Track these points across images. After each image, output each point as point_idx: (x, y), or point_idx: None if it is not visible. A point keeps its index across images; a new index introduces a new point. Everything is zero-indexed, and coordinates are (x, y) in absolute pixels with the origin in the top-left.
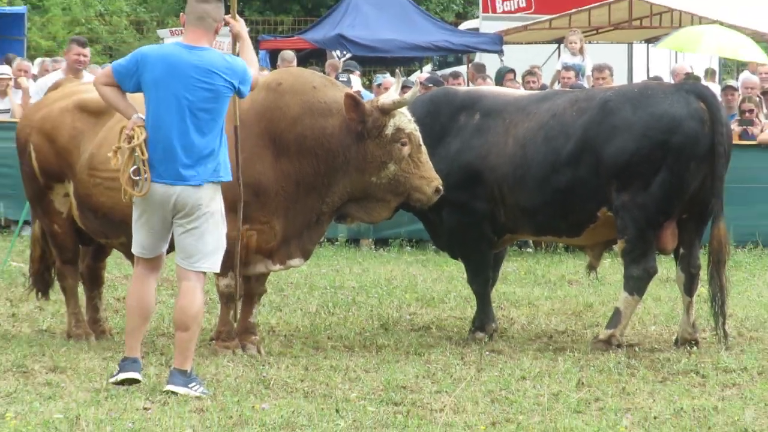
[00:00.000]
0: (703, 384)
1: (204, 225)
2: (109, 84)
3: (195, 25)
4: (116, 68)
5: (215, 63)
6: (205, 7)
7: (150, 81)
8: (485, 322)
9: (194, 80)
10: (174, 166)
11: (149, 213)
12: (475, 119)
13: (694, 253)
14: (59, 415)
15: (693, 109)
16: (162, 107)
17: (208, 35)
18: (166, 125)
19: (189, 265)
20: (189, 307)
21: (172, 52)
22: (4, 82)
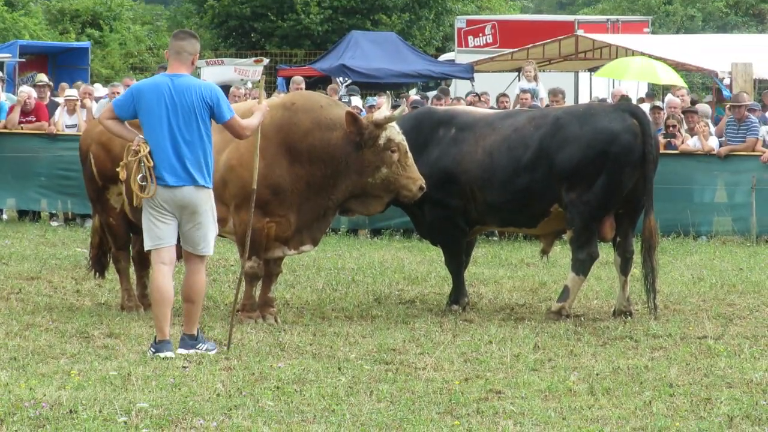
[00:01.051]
0: (636, 347)
1: (204, 219)
2: (111, 118)
3: (174, 58)
4: (116, 104)
5: (191, 85)
6: (181, 44)
7: (145, 107)
8: (459, 297)
9: (176, 101)
10: (176, 171)
11: (160, 210)
12: (452, 132)
13: (628, 241)
14: (114, 372)
15: (627, 124)
16: (158, 125)
17: (185, 65)
18: (162, 140)
19: (195, 251)
20: (196, 284)
21: (159, 82)
22: (72, 103)
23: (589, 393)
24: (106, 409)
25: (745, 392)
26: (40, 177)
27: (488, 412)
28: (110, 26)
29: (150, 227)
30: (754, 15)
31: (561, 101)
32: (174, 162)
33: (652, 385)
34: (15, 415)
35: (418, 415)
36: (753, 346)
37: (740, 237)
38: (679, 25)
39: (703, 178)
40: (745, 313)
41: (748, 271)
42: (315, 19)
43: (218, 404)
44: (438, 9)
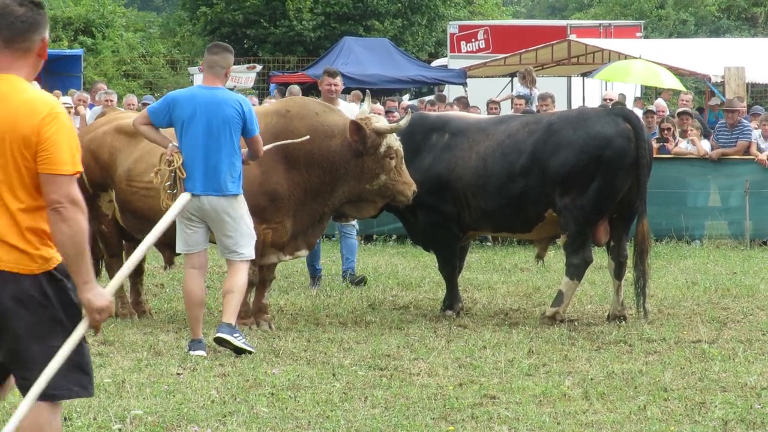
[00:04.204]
0: (630, 351)
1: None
2: (146, 123)
3: (208, 72)
4: (151, 110)
5: (227, 98)
6: (214, 58)
7: (181, 117)
8: (453, 302)
9: (212, 113)
10: (206, 181)
11: (189, 217)
12: (445, 138)
13: (622, 245)
14: (108, 379)
15: (621, 129)
16: (192, 135)
17: (219, 78)
18: (197, 149)
19: (230, 257)
20: (238, 281)
21: (195, 93)
22: (66, 110)
23: (584, 398)
24: (101, 417)
25: (740, 396)
26: None
27: (483, 417)
28: (103, 33)
29: (181, 233)
30: (747, 19)
31: (551, 106)
32: (205, 172)
33: (646, 390)
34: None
35: (413, 421)
36: (747, 350)
37: (734, 241)
38: (671, 29)
39: (697, 182)
40: (739, 317)
41: (742, 275)
42: (308, 26)
43: (213, 411)
44: (430, 14)
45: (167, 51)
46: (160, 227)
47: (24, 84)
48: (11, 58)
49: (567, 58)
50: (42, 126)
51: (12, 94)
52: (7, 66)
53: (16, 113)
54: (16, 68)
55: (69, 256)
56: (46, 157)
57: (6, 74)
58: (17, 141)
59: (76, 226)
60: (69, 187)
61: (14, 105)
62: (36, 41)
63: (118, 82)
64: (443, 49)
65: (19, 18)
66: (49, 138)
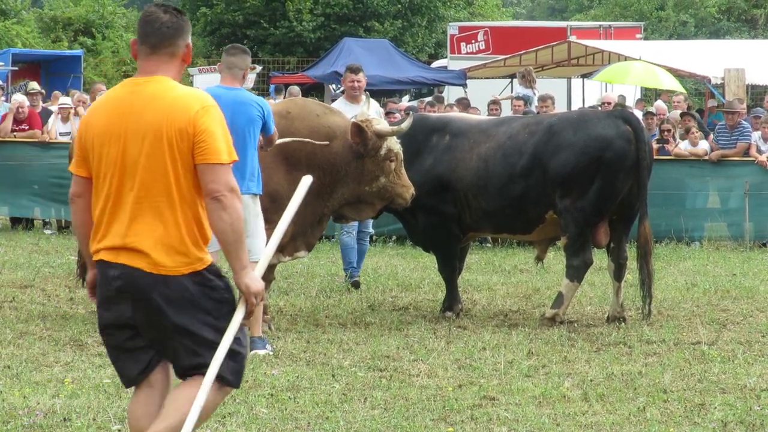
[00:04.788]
0: (629, 353)
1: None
2: None
3: (227, 73)
4: None
5: (249, 99)
6: (232, 60)
7: None
8: (453, 303)
9: (235, 113)
10: None
11: None
12: (446, 139)
13: (622, 247)
14: (108, 380)
15: (621, 131)
16: None
17: (238, 79)
18: None
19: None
20: None
21: (218, 93)
22: (66, 111)
23: (583, 399)
24: (100, 417)
25: (739, 398)
26: (33, 185)
27: (482, 418)
28: (103, 34)
29: None
30: (747, 20)
31: (551, 107)
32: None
33: (646, 391)
34: (9, 423)
35: (412, 422)
36: (746, 351)
37: (733, 242)
38: (671, 30)
39: (696, 184)
40: (738, 318)
41: (742, 277)
42: (307, 26)
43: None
44: (430, 16)
45: None
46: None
47: (173, 82)
48: (158, 63)
49: (567, 59)
50: (197, 119)
51: (163, 92)
52: (154, 70)
53: (171, 108)
54: (162, 72)
55: (228, 242)
56: (204, 149)
57: (155, 76)
58: (174, 134)
59: (234, 214)
60: (227, 176)
61: (168, 101)
62: (181, 46)
63: (118, 82)
64: (443, 50)
65: (165, 24)
66: (204, 130)
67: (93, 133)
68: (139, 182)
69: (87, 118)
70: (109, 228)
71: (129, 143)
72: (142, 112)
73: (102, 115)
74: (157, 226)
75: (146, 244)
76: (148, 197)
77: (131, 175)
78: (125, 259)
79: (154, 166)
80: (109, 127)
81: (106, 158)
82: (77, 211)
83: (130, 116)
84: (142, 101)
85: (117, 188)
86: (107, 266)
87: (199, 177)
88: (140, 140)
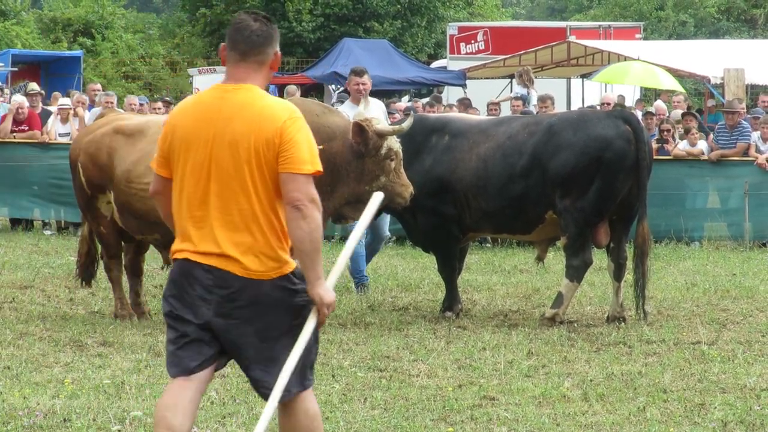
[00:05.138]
0: (629, 353)
1: None
2: None
3: None
4: None
5: None
6: None
7: None
8: (453, 304)
9: None
10: None
11: None
12: (445, 140)
13: (622, 247)
14: (108, 380)
15: (621, 131)
16: None
17: None
18: None
19: None
20: None
21: None
22: (65, 112)
23: (583, 399)
24: (100, 418)
25: (739, 397)
26: (32, 186)
27: (482, 418)
28: (102, 35)
29: None
30: (746, 20)
31: (551, 107)
32: None
33: (645, 391)
34: (9, 423)
35: (412, 422)
36: (746, 351)
37: (733, 242)
38: (671, 30)
39: (696, 184)
40: (738, 318)
41: (741, 277)
42: (307, 27)
43: (212, 412)
44: (430, 16)
45: (167, 52)
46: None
47: (261, 92)
48: (247, 70)
49: (566, 59)
50: (284, 129)
51: (252, 101)
52: (243, 77)
53: (260, 117)
54: (251, 79)
55: (305, 252)
56: (288, 158)
57: (244, 84)
58: (261, 143)
59: (313, 223)
60: (309, 186)
61: (256, 110)
62: (269, 54)
63: (118, 83)
64: (443, 50)
65: (255, 32)
66: (290, 140)
67: (179, 136)
68: (224, 187)
69: (173, 120)
70: (192, 231)
71: (216, 149)
72: (231, 119)
73: (189, 119)
74: (244, 232)
75: (235, 250)
76: (234, 203)
77: (216, 180)
78: (215, 262)
79: (241, 174)
80: (197, 132)
81: (192, 162)
82: (161, 206)
83: (218, 122)
84: (230, 108)
85: (202, 194)
86: (193, 265)
87: (282, 185)
88: (227, 147)
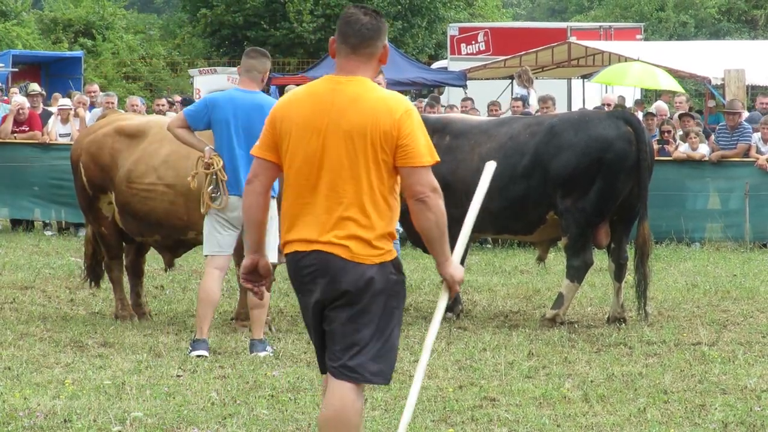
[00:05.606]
0: (630, 354)
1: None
2: (182, 126)
3: (245, 76)
4: (188, 113)
5: (266, 102)
6: (252, 62)
7: (220, 119)
8: (453, 304)
9: (252, 116)
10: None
11: (225, 220)
12: (446, 140)
13: (622, 247)
14: (108, 381)
15: (622, 132)
16: (234, 137)
17: (256, 82)
18: (239, 151)
19: None
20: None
21: (234, 96)
22: (66, 112)
23: (584, 400)
24: (101, 419)
25: (740, 398)
26: (33, 186)
27: (483, 419)
28: (103, 35)
29: (213, 234)
30: (747, 21)
31: (552, 108)
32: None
33: (646, 392)
34: (9, 424)
35: (413, 423)
36: (747, 352)
37: (734, 243)
38: (671, 31)
39: (697, 185)
40: (739, 319)
41: (742, 278)
42: (308, 28)
43: (213, 413)
44: (430, 17)
45: (167, 53)
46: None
47: (373, 84)
48: (357, 63)
49: (567, 60)
50: (401, 122)
51: (365, 93)
52: (354, 69)
53: (375, 111)
54: (361, 71)
55: (433, 239)
56: (408, 152)
57: (354, 76)
58: (378, 135)
59: (439, 212)
60: (429, 177)
61: (371, 103)
62: (379, 47)
63: (118, 84)
64: (443, 51)
65: (365, 26)
66: (409, 134)
67: (291, 125)
68: (336, 177)
69: (284, 110)
70: (302, 219)
71: (329, 139)
72: (345, 110)
73: (302, 109)
74: (352, 221)
75: (341, 236)
76: (344, 191)
77: (329, 170)
78: (319, 248)
79: (353, 163)
80: (310, 122)
81: (304, 151)
82: (251, 193)
83: (332, 113)
84: (344, 100)
85: (314, 182)
86: (300, 256)
87: (403, 179)
88: (342, 137)
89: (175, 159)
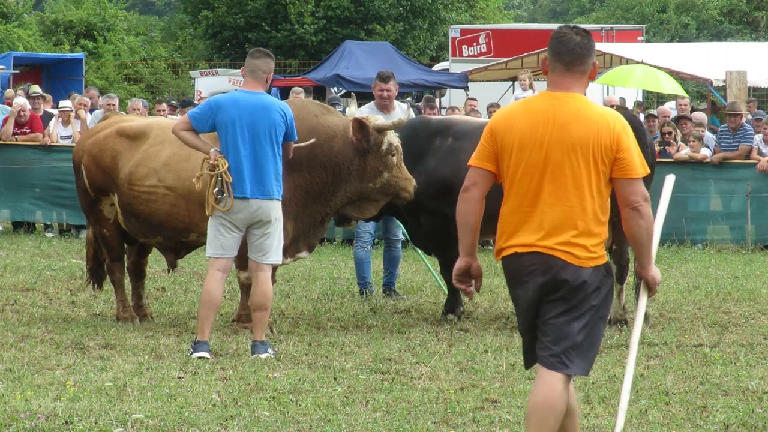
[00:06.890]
0: None
1: (273, 229)
2: (187, 129)
3: (250, 76)
4: (193, 116)
5: (272, 103)
6: (256, 63)
7: (225, 121)
8: (455, 306)
9: (257, 117)
10: (254, 184)
11: (229, 222)
12: (449, 142)
13: (624, 249)
14: (110, 383)
15: None
16: (239, 139)
17: (260, 83)
18: (244, 153)
19: (263, 260)
20: (267, 292)
21: (238, 97)
22: (66, 114)
23: (585, 401)
24: (102, 420)
25: (741, 400)
26: (34, 188)
27: (484, 421)
28: (104, 37)
29: (216, 236)
30: (748, 23)
31: None
32: (252, 176)
33: (648, 394)
34: (11, 426)
35: (414, 425)
36: (749, 354)
37: (735, 245)
38: (673, 33)
39: (698, 187)
40: (740, 321)
41: (744, 279)
42: (309, 29)
43: (214, 415)
44: (432, 18)
45: (169, 55)
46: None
47: (588, 100)
48: (571, 80)
49: None
50: (620, 136)
51: (586, 109)
52: (568, 86)
53: (597, 125)
54: (575, 88)
55: (643, 244)
56: (624, 165)
57: (572, 93)
58: (599, 149)
59: (649, 219)
60: (642, 187)
61: (593, 119)
62: (589, 65)
63: (120, 85)
64: (445, 53)
65: (578, 45)
66: (626, 148)
67: (513, 138)
68: (559, 187)
69: (504, 123)
70: (521, 226)
71: (552, 151)
72: (568, 124)
73: (524, 122)
74: (571, 228)
75: (561, 242)
76: (566, 200)
77: (550, 180)
78: (540, 250)
79: (575, 174)
80: (532, 134)
81: (526, 162)
82: (469, 200)
83: (554, 127)
84: (565, 115)
85: (535, 191)
86: (520, 257)
87: (618, 189)
88: (565, 150)
89: (175, 161)
